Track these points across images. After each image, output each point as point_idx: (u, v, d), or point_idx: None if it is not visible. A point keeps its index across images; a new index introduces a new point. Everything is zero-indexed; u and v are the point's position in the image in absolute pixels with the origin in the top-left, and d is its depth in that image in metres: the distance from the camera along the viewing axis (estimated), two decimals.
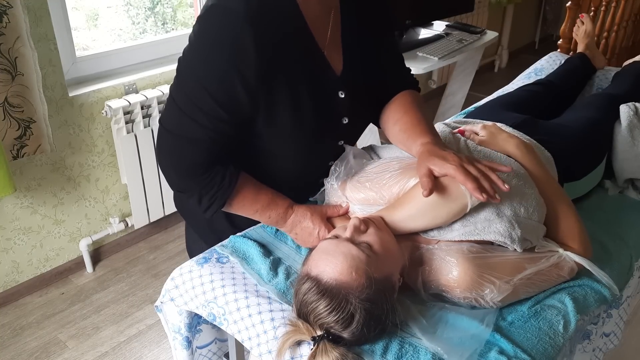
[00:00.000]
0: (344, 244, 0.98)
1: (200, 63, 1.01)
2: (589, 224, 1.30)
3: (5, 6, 1.74)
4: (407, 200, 1.08)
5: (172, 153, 1.10)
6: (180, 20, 2.71)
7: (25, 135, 1.92)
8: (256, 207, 1.17)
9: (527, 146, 1.24)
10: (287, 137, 1.10)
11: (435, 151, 1.04)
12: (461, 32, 2.96)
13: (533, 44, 5.39)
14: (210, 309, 1.12)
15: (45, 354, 2.00)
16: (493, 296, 1.02)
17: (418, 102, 1.24)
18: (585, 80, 2.08)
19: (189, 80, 1.03)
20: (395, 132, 1.19)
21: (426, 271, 1.05)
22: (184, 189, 1.14)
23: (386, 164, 1.19)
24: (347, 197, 1.19)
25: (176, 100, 1.05)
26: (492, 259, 1.05)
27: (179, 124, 1.06)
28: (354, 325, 0.92)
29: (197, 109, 1.02)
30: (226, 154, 1.11)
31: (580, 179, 1.41)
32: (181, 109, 1.04)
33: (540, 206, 1.13)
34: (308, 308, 0.94)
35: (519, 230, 1.05)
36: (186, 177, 1.11)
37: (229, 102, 1.02)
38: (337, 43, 1.12)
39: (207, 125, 1.03)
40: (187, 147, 1.07)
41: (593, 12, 2.66)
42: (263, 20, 0.97)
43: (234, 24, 0.96)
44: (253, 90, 1.01)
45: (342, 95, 1.13)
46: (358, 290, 0.93)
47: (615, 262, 1.23)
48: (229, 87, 1.00)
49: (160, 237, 2.63)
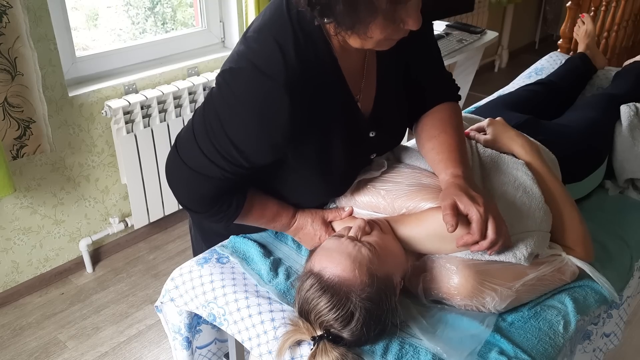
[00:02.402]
0: (348, 242, 0.99)
1: (231, 120, 0.96)
2: (589, 224, 1.30)
3: (5, 6, 1.74)
4: (420, 222, 1.06)
5: (184, 181, 1.08)
6: (180, 20, 2.71)
7: (25, 135, 1.92)
8: (262, 220, 1.18)
9: (532, 145, 1.23)
10: (314, 179, 1.09)
11: (466, 189, 1.00)
12: (461, 32, 2.95)
13: (533, 44, 5.39)
14: (211, 309, 1.12)
15: (45, 354, 2.00)
16: (495, 304, 1.01)
17: (457, 119, 1.18)
18: (585, 80, 2.07)
19: (216, 129, 0.98)
20: (427, 149, 1.15)
21: (427, 278, 1.05)
22: (193, 210, 1.13)
23: (406, 175, 1.16)
24: (355, 200, 1.17)
25: (198, 141, 1.00)
26: (493, 265, 1.04)
27: (197, 162, 1.02)
28: (353, 324, 0.92)
29: (219, 156, 0.99)
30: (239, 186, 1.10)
31: (582, 180, 1.41)
32: (202, 151, 1.00)
33: (547, 214, 1.12)
34: (309, 305, 0.94)
35: (524, 249, 1.04)
36: (195, 202, 1.11)
37: (254, 156, 0.99)
38: (372, 85, 1.08)
39: (227, 169, 1.01)
40: (201, 182, 1.04)
41: (593, 12, 2.66)
42: (303, 87, 0.93)
43: (273, 94, 0.91)
44: (281, 147, 0.99)
45: (373, 135, 1.11)
46: (359, 289, 0.93)
47: (616, 262, 1.23)
48: (258, 147, 0.98)
49: (160, 237, 2.63)
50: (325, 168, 1.07)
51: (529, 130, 1.39)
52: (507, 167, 1.18)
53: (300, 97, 0.93)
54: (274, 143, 0.98)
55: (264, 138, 0.97)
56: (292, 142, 0.99)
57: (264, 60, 0.91)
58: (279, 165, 1.06)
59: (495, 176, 1.16)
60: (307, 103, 0.95)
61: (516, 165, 1.18)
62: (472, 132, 1.30)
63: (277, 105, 0.92)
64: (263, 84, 0.91)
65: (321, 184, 1.11)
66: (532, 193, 1.13)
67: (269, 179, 1.13)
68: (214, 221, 1.13)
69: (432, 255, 1.07)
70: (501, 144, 1.25)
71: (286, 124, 0.94)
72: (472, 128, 1.32)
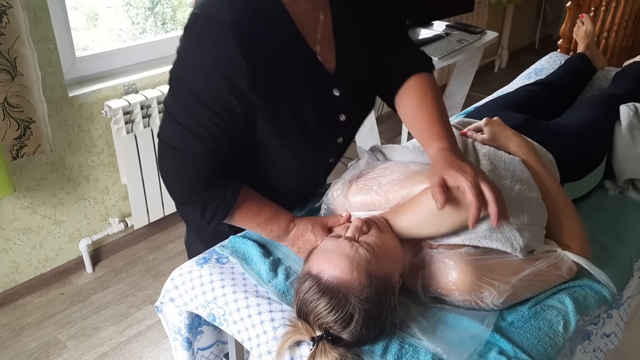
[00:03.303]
0: (345, 243, 0.99)
1: (189, 74, 1.00)
2: (589, 224, 1.30)
3: (5, 6, 1.74)
4: (414, 207, 1.06)
5: (174, 166, 1.09)
6: (180, 20, 2.71)
7: (24, 135, 1.92)
8: (258, 220, 1.16)
9: (529, 145, 1.24)
10: (290, 139, 1.09)
11: (452, 161, 0.99)
12: (461, 32, 2.95)
13: (533, 44, 5.39)
14: (210, 310, 1.12)
15: (45, 354, 2.00)
16: (493, 298, 1.02)
17: (433, 90, 1.17)
18: (585, 81, 2.07)
19: (181, 92, 1.02)
20: (413, 130, 1.15)
21: (425, 274, 1.05)
22: (187, 201, 1.13)
23: (395, 168, 1.17)
24: (350, 203, 1.17)
25: (172, 114, 1.04)
26: (491, 261, 1.05)
27: (177, 137, 1.05)
28: (352, 325, 0.92)
29: (193, 119, 1.02)
30: (229, 167, 1.11)
31: (580, 179, 1.41)
32: (178, 122, 1.03)
33: (543, 210, 1.13)
34: (308, 307, 0.94)
35: (520, 239, 1.04)
36: (189, 189, 1.11)
37: (223, 110, 1.01)
38: (330, 41, 1.10)
39: (205, 135, 1.02)
40: (188, 160, 1.06)
41: (593, 12, 2.66)
42: (250, 28, 0.96)
43: (219, 35, 0.95)
44: (247, 99, 1.00)
45: (337, 94, 1.12)
46: (358, 290, 0.93)
47: (615, 262, 1.23)
48: (220, 95, 0.99)
49: (160, 238, 2.63)
50: (300, 134, 1.08)
51: (527, 130, 1.40)
52: (504, 163, 1.19)
53: (251, 40, 0.96)
54: (235, 90, 0.98)
55: (223, 82, 0.98)
56: (256, 93, 1.00)
57: (212, 8, 0.96)
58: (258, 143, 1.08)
59: (493, 171, 1.17)
60: (258, 47, 0.97)
61: (513, 162, 1.19)
62: (470, 132, 1.31)
63: (225, 45, 0.95)
64: (210, 27, 0.96)
65: (300, 150, 1.12)
66: (530, 188, 1.14)
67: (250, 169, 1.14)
68: (211, 216, 1.12)
69: (431, 251, 1.07)
70: (498, 144, 1.26)
71: (241, 68, 0.96)
72: (470, 128, 1.33)
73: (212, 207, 1.11)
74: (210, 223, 1.13)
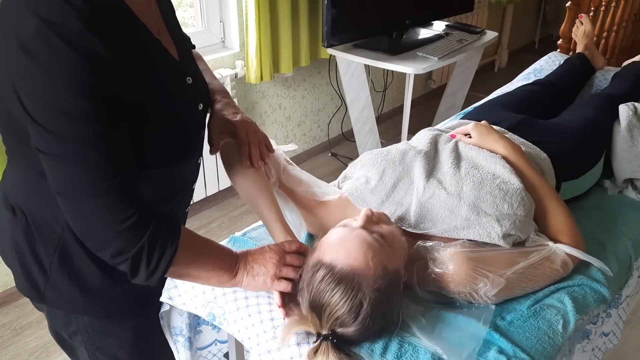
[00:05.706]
0: (359, 231, 0.99)
1: (57, 94, 0.83)
2: (589, 224, 1.30)
3: None
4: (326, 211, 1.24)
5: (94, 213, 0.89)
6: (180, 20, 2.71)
7: None
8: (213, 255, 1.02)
9: (515, 147, 1.25)
10: (160, 127, 0.98)
11: (228, 125, 1.17)
12: (461, 32, 2.96)
13: (533, 44, 5.40)
14: (210, 309, 1.12)
15: (45, 354, 2.00)
16: (487, 290, 1.03)
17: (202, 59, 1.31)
18: (584, 81, 2.08)
19: (59, 122, 0.84)
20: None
21: (421, 267, 1.06)
22: (123, 244, 0.90)
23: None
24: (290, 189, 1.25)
25: (63, 156, 0.86)
26: (485, 253, 1.07)
27: (84, 175, 0.87)
28: (361, 315, 0.92)
29: (83, 143, 0.85)
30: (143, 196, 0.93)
31: (578, 178, 1.42)
32: (73, 160, 0.86)
33: (526, 201, 1.15)
34: (324, 299, 0.93)
35: (499, 228, 1.08)
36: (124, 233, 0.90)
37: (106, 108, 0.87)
38: (165, 31, 1.05)
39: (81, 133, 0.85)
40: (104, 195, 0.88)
41: (593, 12, 2.66)
42: (100, 24, 0.85)
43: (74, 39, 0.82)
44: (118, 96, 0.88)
45: (190, 82, 1.07)
46: (372, 279, 0.93)
47: (615, 262, 1.24)
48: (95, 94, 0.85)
49: None
50: (170, 119, 0.99)
51: (524, 129, 1.40)
52: (485, 160, 1.22)
53: (108, 35, 0.86)
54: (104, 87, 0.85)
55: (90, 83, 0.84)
56: (124, 86, 0.89)
57: (53, 13, 0.82)
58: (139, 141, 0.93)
59: (473, 166, 1.20)
60: (118, 41, 0.88)
61: (494, 159, 1.22)
62: (458, 136, 1.32)
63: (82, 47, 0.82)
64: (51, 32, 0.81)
65: (175, 135, 1.01)
66: (509, 182, 1.16)
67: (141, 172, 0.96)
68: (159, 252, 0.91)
69: (426, 244, 1.08)
70: (485, 147, 1.27)
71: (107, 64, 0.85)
72: (457, 131, 1.34)
73: (159, 244, 0.91)
74: (156, 271, 0.92)
